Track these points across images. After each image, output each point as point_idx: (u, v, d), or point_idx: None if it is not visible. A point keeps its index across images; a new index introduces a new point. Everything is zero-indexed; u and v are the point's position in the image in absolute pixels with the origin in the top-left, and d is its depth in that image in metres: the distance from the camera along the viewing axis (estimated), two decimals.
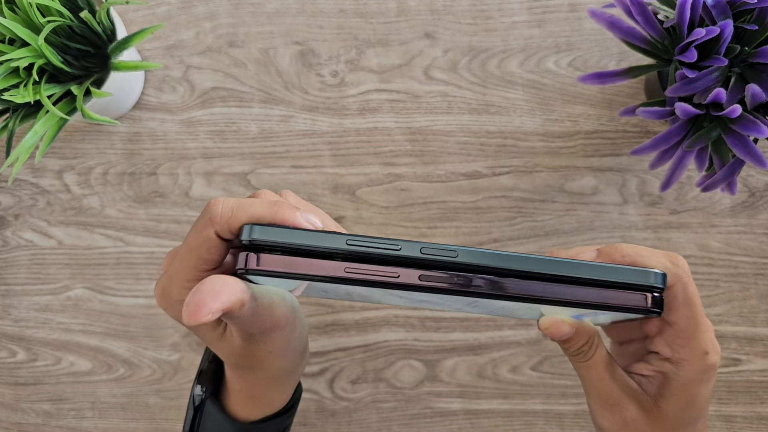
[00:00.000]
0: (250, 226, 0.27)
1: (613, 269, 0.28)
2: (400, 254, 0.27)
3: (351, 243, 0.27)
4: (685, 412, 0.32)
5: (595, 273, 0.28)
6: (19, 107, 0.44)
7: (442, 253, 0.27)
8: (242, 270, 0.27)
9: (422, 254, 0.27)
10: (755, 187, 0.48)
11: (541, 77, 0.49)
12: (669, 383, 0.32)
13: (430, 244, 0.27)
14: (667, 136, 0.38)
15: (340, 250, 0.27)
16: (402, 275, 0.27)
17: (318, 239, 0.27)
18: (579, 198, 0.49)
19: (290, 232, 0.27)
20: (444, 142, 0.49)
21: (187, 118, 0.50)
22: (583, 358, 0.31)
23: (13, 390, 0.51)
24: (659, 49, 0.39)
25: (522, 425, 0.49)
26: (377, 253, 0.27)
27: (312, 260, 0.27)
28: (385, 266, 0.27)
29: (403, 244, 0.27)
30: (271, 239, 0.27)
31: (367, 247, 0.27)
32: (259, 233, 0.27)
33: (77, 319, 0.50)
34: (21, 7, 0.41)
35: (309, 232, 0.27)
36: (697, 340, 0.31)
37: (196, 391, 0.38)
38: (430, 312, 0.49)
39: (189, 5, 0.50)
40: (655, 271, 0.28)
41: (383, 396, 0.49)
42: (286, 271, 0.27)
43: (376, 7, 0.50)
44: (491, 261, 0.27)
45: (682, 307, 0.31)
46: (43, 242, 0.51)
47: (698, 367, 0.31)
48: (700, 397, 0.32)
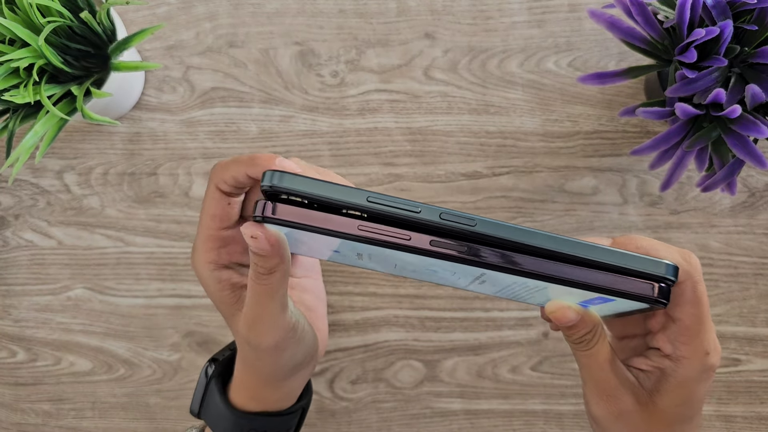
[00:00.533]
0: (272, 172, 0.27)
1: (627, 256, 0.27)
2: (420, 217, 0.27)
3: (372, 200, 0.27)
4: (680, 409, 0.32)
5: (609, 257, 0.27)
6: (20, 108, 0.44)
7: (461, 220, 0.27)
8: (259, 217, 0.27)
9: (441, 219, 0.27)
10: (755, 187, 0.48)
11: (541, 77, 0.49)
12: (666, 380, 0.32)
13: (451, 210, 0.27)
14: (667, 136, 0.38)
15: (360, 206, 0.27)
16: (413, 238, 0.27)
17: (339, 192, 0.27)
18: (579, 198, 0.49)
19: (312, 183, 0.27)
20: (444, 142, 0.49)
21: (187, 119, 0.50)
22: (585, 346, 0.31)
23: (13, 390, 0.51)
24: (659, 49, 0.39)
25: (522, 425, 0.49)
26: (397, 213, 0.27)
27: (327, 215, 0.27)
28: (397, 228, 0.27)
29: (424, 208, 0.27)
30: (292, 187, 0.27)
31: (388, 206, 0.27)
32: (280, 180, 0.27)
33: (77, 319, 0.50)
34: (21, 7, 0.41)
35: (331, 185, 0.27)
36: (700, 339, 0.31)
37: (208, 370, 0.40)
38: (429, 312, 0.49)
39: (189, 5, 0.50)
40: (667, 262, 0.28)
41: (383, 396, 0.49)
42: (301, 222, 0.27)
43: (376, 7, 0.50)
44: (508, 234, 0.27)
45: (689, 304, 0.31)
46: (43, 242, 0.51)
47: (698, 367, 0.31)
48: (696, 396, 0.32)
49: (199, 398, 0.40)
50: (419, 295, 0.49)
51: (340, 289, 0.49)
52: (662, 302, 0.28)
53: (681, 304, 0.31)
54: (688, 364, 0.31)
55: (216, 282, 0.34)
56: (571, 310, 0.30)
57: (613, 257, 0.27)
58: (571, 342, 0.32)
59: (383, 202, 0.27)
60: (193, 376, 0.50)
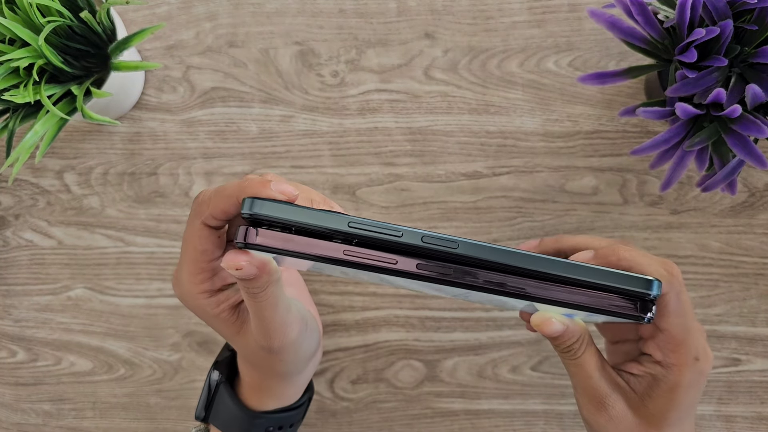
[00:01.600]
0: (251, 200, 0.27)
1: (609, 274, 0.28)
2: (401, 241, 0.27)
3: (353, 225, 0.27)
4: (671, 413, 0.32)
5: (591, 276, 0.28)
6: (20, 107, 0.44)
7: (443, 243, 0.27)
8: (241, 243, 0.27)
9: (423, 243, 0.27)
10: (755, 187, 0.48)
11: (541, 77, 0.49)
12: (657, 385, 0.32)
13: (432, 233, 0.27)
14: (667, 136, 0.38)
15: (341, 232, 0.27)
16: (400, 262, 0.27)
17: (320, 218, 0.27)
18: (579, 198, 0.49)
19: (292, 209, 0.27)
20: (444, 142, 0.49)
21: (187, 118, 0.50)
22: (573, 355, 0.32)
23: (14, 390, 0.51)
24: (659, 49, 0.39)
25: (522, 425, 0.49)
26: (378, 238, 0.27)
27: (311, 240, 0.27)
28: (383, 252, 0.27)
29: (405, 231, 0.27)
30: (271, 214, 0.26)
31: (369, 231, 0.27)
32: (259, 207, 0.27)
33: (77, 319, 0.50)
34: (21, 7, 0.41)
35: (311, 210, 0.27)
36: (687, 347, 0.32)
37: (213, 376, 0.39)
38: (430, 312, 0.49)
39: (189, 5, 0.50)
40: (650, 278, 0.28)
41: (384, 396, 0.49)
42: (284, 248, 0.27)
43: (376, 7, 0.50)
44: (490, 255, 0.27)
45: (673, 314, 0.31)
46: (43, 242, 0.51)
47: (687, 373, 0.32)
48: (687, 401, 0.33)
49: (205, 403, 0.40)
50: (419, 295, 0.49)
51: (340, 288, 0.49)
52: (646, 318, 0.28)
53: (665, 315, 0.31)
54: (678, 370, 0.32)
55: (215, 307, 0.33)
56: (557, 321, 0.30)
57: (594, 276, 0.28)
58: (559, 351, 0.32)
59: (364, 227, 0.27)
60: (193, 376, 0.50)
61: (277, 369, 0.36)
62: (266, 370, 0.37)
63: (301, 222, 0.27)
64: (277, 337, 0.33)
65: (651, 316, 0.28)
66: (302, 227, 0.27)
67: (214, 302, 0.33)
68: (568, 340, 0.31)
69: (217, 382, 0.39)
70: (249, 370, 0.38)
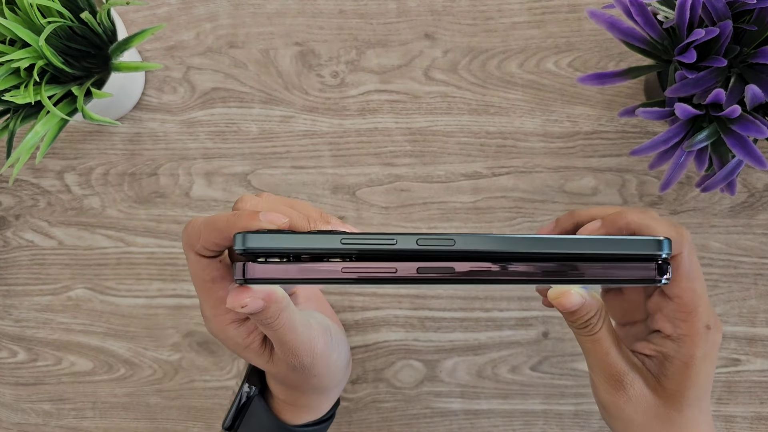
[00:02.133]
0: (242, 235, 0.27)
1: (617, 242, 0.27)
2: (396, 248, 0.26)
3: (345, 242, 0.26)
4: (689, 392, 0.31)
5: (599, 247, 0.27)
6: (20, 108, 0.44)
7: (439, 242, 0.26)
8: (240, 280, 0.27)
9: (418, 246, 0.26)
10: (755, 187, 0.48)
11: (541, 78, 0.49)
12: (671, 362, 0.31)
13: (426, 234, 0.26)
14: (666, 136, 0.38)
15: (335, 250, 0.26)
16: (399, 270, 0.26)
17: (311, 241, 0.26)
18: (579, 198, 0.49)
19: (281, 237, 0.26)
20: (444, 142, 0.49)
21: (187, 119, 0.50)
22: (590, 331, 0.31)
23: (14, 390, 0.51)
24: (659, 49, 0.39)
25: (522, 425, 0.49)
26: (373, 249, 0.26)
27: (308, 265, 0.27)
28: (381, 262, 0.26)
29: (399, 238, 0.26)
30: (263, 246, 0.26)
31: (362, 244, 0.26)
32: (250, 241, 0.26)
33: (78, 319, 0.50)
34: (22, 7, 0.41)
35: (301, 235, 0.27)
36: (698, 314, 0.31)
37: (244, 389, 0.38)
38: (429, 312, 0.49)
39: (189, 6, 0.50)
40: (659, 238, 0.27)
41: (383, 396, 0.49)
42: (283, 278, 0.27)
43: (376, 7, 0.50)
44: (491, 245, 0.26)
45: (684, 279, 0.30)
46: (43, 242, 0.51)
47: (700, 343, 0.31)
48: (703, 375, 0.31)
49: (235, 415, 0.39)
50: (419, 295, 0.49)
51: (340, 289, 0.49)
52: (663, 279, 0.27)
53: (675, 279, 0.30)
54: (690, 341, 0.31)
55: (245, 336, 0.32)
56: (576, 294, 0.29)
57: (602, 246, 0.27)
58: (576, 327, 0.31)
59: (357, 241, 0.26)
60: (193, 376, 0.50)
61: (314, 384, 0.36)
62: (303, 389, 0.36)
63: (294, 248, 0.26)
64: (305, 353, 0.32)
65: (668, 277, 0.27)
66: (297, 253, 0.27)
67: (244, 332, 0.32)
68: (586, 314, 0.30)
69: (249, 395, 0.38)
70: (284, 390, 0.37)
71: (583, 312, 0.30)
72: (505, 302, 0.49)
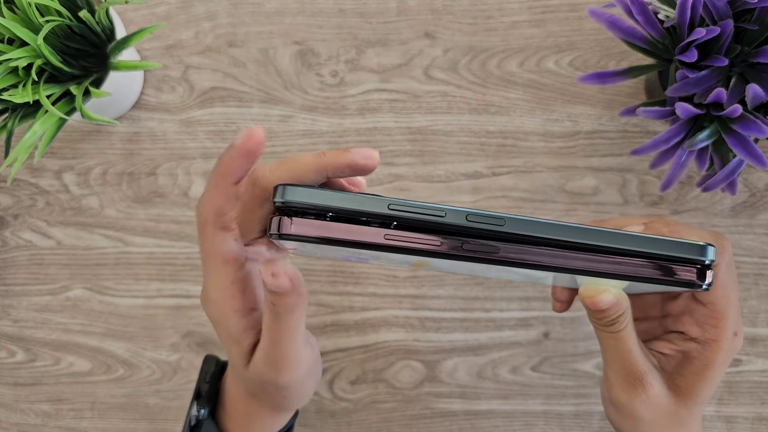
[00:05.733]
0: (283, 187, 0.25)
1: (665, 242, 0.27)
2: (445, 221, 0.25)
3: (393, 208, 0.25)
4: (702, 391, 0.31)
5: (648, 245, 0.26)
6: (18, 107, 0.44)
7: (489, 220, 0.26)
8: (275, 234, 0.25)
9: (468, 221, 0.25)
10: (756, 187, 0.48)
11: (542, 77, 0.49)
12: (691, 363, 0.31)
13: (477, 211, 0.26)
14: (667, 136, 0.38)
15: (381, 215, 0.25)
16: (444, 244, 0.25)
17: (357, 202, 0.25)
18: (579, 198, 0.48)
19: (326, 194, 0.25)
20: (444, 142, 0.49)
21: (186, 118, 0.50)
22: (616, 327, 0.30)
23: (13, 390, 0.51)
24: (660, 48, 0.38)
25: (522, 426, 0.49)
26: (421, 219, 0.25)
27: (350, 226, 0.25)
28: (426, 234, 0.25)
29: (449, 211, 0.25)
30: (306, 201, 0.25)
31: (411, 213, 0.25)
32: (292, 194, 0.25)
33: (76, 319, 0.50)
34: (20, 6, 0.41)
35: (346, 194, 0.25)
36: (729, 321, 0.31)
37: (193, 411, 0.37)
38: (429, 312, 0.49)
39: (188, 5, 0.50)
40: (704, 244, 0.27)
41: (383, 397, 0.49)
42: (322, 236, 0.25)
43: (375, 6, 0.50)
44: (541, 231, 0.26)
45: (720, 287, 0.30)
46: (42, 242, 0.51)
47: (725, 349, 0.31)
48: (718, 377, 0.32)
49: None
50: (419, 296, 0.49)
51: (339, 289, 0.49)
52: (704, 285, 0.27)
53: (713, 287, 0.30)
54: (717, 346, 0.31)
55: (242, 330, 0.31)
56: (609, 293, 0.29)
57: (649, 245, 0.26)
58: (601, 324, 0.31)
59: (406, 208, 0.25)
60: (192, 377, 0.50)
61: (277, 403, 0.34)
62: (265, 403, 0.35)
63: (339, 207, 0.25)
64: (285, 371, 0.31)
65: (709, 283, 0.27)
66: (340, 212, 0.25)
67: (243, 325, 0.31)
68: (616, 311, 0.29)
69: (198, 418, 0.37)
70: (244, 400, 0.36)
71: (613, 310, 0.29)
72: (505, 302, 0.49)
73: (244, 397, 0.35)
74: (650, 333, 0.35)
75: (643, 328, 0.36)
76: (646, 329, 0.35)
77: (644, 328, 0.36)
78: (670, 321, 0.33)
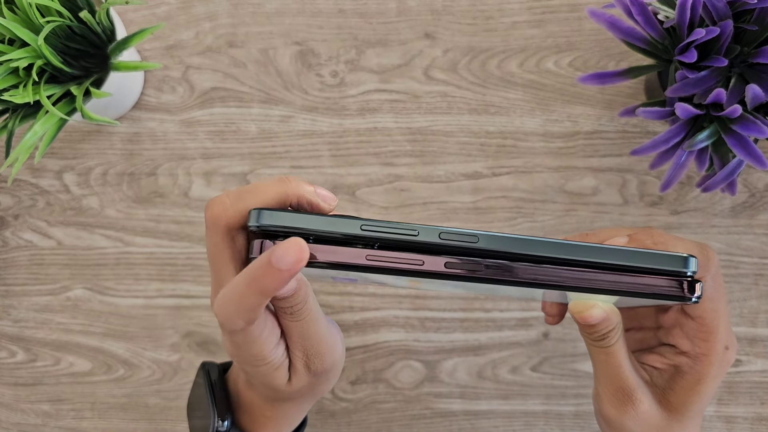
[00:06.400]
0: (258, 211, 0.25)
1: (644, 254, 0.26)
2: (418, 240, 0.25)
3: (366, 228, 0.25)
4: (694, 406, 0.31)
5: (626, 258, 0.26)
6: (19, 107, 0.44)
7: (462, 238, 0.25)
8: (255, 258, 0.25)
9: (441, 240, 0.25)
10: (755, 187, 0.48)
11: (541, 77, 0.49)
12: (682, 377, 0.31)
13: (449, 228, 0.25)
14: (667, 136, 0.38)
15: (354, 236, 0.25)
16: (427, 263, 0.25)
17: (330, 224, 0.25)
18: (579, 198, 0.49)
19: (300, 217, 0.25)
20: (444, 142, 0.49)
21: (186, 119, 0.50)
22: (606, 342, 0.30)
23: (13, 390, 0.51)
24: (659, 49, 0.39)
25: (522, 426, 0.49)
26: (393, 239, 0.25)
27: (333, 247, 0.25)
28: (409, 253, 0.25)
29: (421, 229, 0.25)
30: (281, 224, 0.25)
31: (383, 233, 0.25)
32: (267, 218, 0.25)
33: (77, 319, 0.50)
34: (20, 7, 0.41)
35: (320, 217, 0.25)
36: (719, 335, 0.30)
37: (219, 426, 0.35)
38: (429, 313, 0.49)
39: (189, 5, 0.50)
40: (685, 255, 0.26)
41: (383, 397, 0.49)
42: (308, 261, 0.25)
43: (375, 7, 0.50)
44: (516, 247, 0.25)
45: (708, 300, 0.30)
46: (42, 242, 0.51)
47: (716, 363, 0.30)
48: (711, 392, 0.31)
49: None
50: (419, 296, 0.49)
51: (339, 289, 0.49)
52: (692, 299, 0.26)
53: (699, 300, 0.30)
54: (707, 360, 0.30)
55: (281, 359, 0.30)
56: (598, 308, 0.29)
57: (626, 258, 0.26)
58: (592, 339, 0.30)
59: (378, 229, 0.25)
60: (192, 377, 0.50)
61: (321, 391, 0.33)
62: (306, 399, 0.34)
63: (312, 230, 0.25)
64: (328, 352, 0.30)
65: (699, 296, 0.26)
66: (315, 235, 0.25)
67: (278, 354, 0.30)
68: (606, 327, 0.29)
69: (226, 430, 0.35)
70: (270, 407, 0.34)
71: (603, 325, 0.29)
72: (505, 303, 0.49)
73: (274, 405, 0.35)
74: (645, 343, 0.35)
75: (638, 338, 0.35)
76: (641, 339, 0.35)
77: (639, 338, 0.35)
78: (663, 333, 0.33)
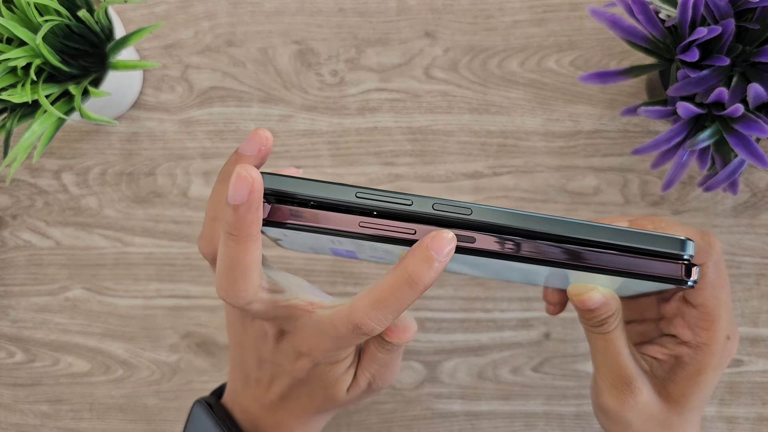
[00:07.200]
0: None
1: (640, 235, 0.26)
2: (411, 210, 0.25)
3: (360, 196, 0.25)
4: (694, 397, 0.31)
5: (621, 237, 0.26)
6: (17, 107, 0.43)
7: (456, 209, 0.25)
8: None
9: (434, 210, 0.25)
10: (757, 186, 0.48)
11: (542, 76, 0.49)
12: (683, 368, 0.30)
13: (443, 200, 0.25)
14: (668, 135, 0.38)
15: (349, 203, 0.25)
16: (419, 232, 0.25)
17: (326, 190, 0.25)
18: (580, 198, 0.48)
19: (297, 182, 0.25)
20: (444, 141, 0.49)
21: (185, 118, 0.50)
22: (605, 328, 0.29)
23: (11, 391, 0.51)
24: (661, 48, 0.38)
25: (523, 426, 0.49)
26: (388, 207, 0.25)
27: (326, 213, 0.26)
28: (402, 222, 0.25)
29: (415, 200, 0.25)
30: (278, 188, 0.25)
31: (378, 201, 0.25)
32: (267, 181, 0.25)
33: (75, 319, 0.50)
34: (19, 6, 0.41)
35: (316, 183, 0.25)
36: (720, 324, 0.30)
37: None
38: (430, 313, 0.49)
39: (188, 4, 0.50)
40: (681, 237, 0.26)
41: (383, 397, 0.49)
42: (299, 223, 0.26)
43: (375, 5, 0.49)
44: (510, 220, 0.25)
45: (710, 287, 0.29)
46: (41, 243, 0.50)
47: (718, 353, 0.30)
48: (712, 383, 0.31)
49: None
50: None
51: (339, 289, 0.49)
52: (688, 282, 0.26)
53: (701, 287, 0.29)
54: (709, 350, 0.30)
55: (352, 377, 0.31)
56: (597, 291, 0.28)
57: (624, 237, 0.26)
58: (591, 324, 0.30)
59: (373, 197, 0.25)
60: (191, 378, 0.50)
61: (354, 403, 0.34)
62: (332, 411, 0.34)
63: (306, 195, 0.25)
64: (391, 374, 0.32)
65: (695, 280, 0.26)
66: (310, 199, 0.26)
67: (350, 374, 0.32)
68: (606, 312, 0.29)
69: None
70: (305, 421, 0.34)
71: (602, 310, 0.29)
72: (506, 303, 0.48)
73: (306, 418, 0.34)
74: (646, 335, 0.34)
75: (639, 330, 0.35)
76: (642, 331, 0.35)
77: (640, 330, 0.35)
78: (664, 324, 0.33)
